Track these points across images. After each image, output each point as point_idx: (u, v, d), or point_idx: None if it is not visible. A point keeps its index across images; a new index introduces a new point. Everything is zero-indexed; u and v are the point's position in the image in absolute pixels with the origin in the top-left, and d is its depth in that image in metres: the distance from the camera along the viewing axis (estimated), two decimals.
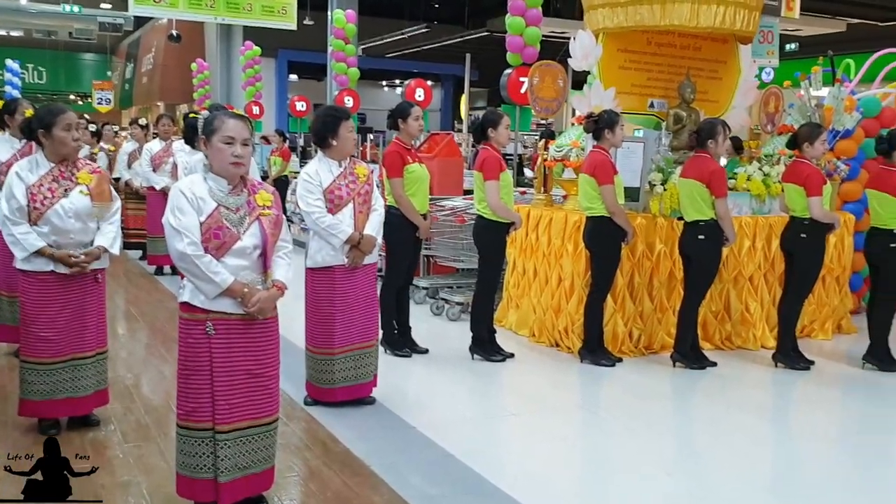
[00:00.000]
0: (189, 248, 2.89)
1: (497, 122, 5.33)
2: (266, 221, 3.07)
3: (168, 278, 8.42)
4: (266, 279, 3.09)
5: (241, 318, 3.02)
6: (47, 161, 3.82)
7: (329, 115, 4.25)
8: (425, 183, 5.44)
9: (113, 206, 3.94)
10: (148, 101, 25.36)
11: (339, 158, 4.24)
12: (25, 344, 3.84)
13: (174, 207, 2.93)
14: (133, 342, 5.99)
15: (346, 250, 4.24)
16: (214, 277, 2.91)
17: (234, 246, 2.98)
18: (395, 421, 4.35)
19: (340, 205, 4.20)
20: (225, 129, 2.98)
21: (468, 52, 20.14)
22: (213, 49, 21.93)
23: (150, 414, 4.38)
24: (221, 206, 2.98)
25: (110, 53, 31.19)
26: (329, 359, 4.28)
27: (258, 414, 3.11)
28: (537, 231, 6.19)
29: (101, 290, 3.95)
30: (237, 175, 3.05)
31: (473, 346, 5.57)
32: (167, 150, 8.13)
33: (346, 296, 4.28)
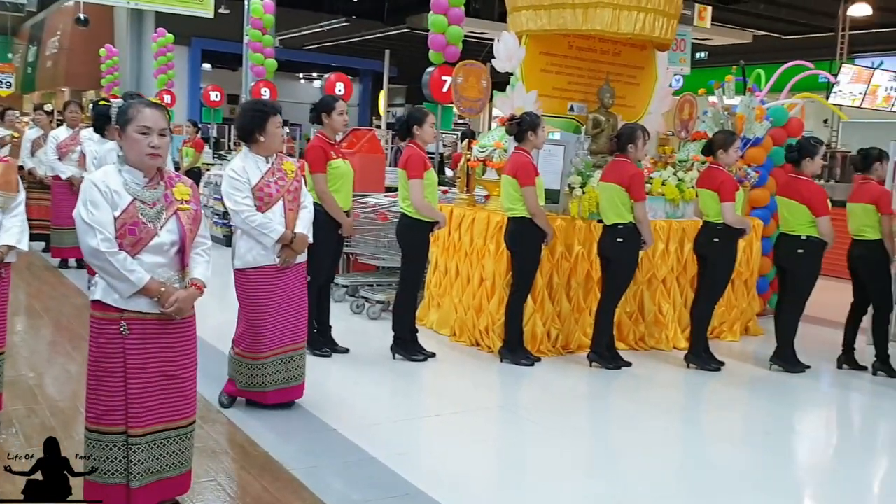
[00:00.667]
0: (103, 245, 2.75)
1: (422, 120, 5.30)
2: (184, 216, 2.95)
3: (73, 272, 8.07)
4: (184, 277, 2.97)
5: (157, 318, 2.90)
6: None
7: (256, 110, 4.11)
8: (349, 179, 5.36)
9: (18, 197, 3.72)
10: (52, 87, 24.26)
11: (266, 154, 4.12)
12: None
13: (87, 201, 2.78)
14: (36, 339, 5.70)
15: (277, 249, 4.12)
16: (129, 276, 2.78)
17: (151, 242, 2.85)
18: (316, 423, 4.27)
19: (270, 202, 4.07)
20: (141, 119, 2.84)
21: (387, 49, 20.07)
22: (123, 35, 21.16)
23: (55, 416, 4.16)
24: (137, 200, 2.85)
25: (11, 35, 29.72)
26: (259, 363, 4.14)
27: (174, 417, 2.99)
28: (460, 230, 6.19)
29: (3, 287, 3.73)
30: (154, 167, 2.92)
31: (395, 346, 5.53)
32: (74, 138, 7.78)
33: (278, 297, 4.15)
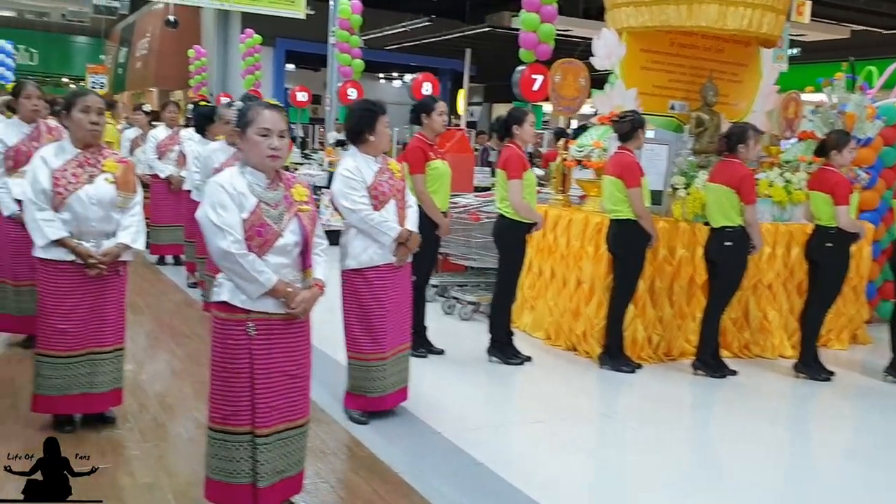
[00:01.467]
0: (233, 247, 2.76)
1: (522, 120, 5.21)
2: (305, 217, 2.95)
3: (170, 268, 8.26)
4: (304, 277, 2.97)
5: (282, 319, 2.90)
6: (73, 147, 3.68)
7: (366, 110, 4.09)
8: (447, 180, 5.32)
9: (136, 197, 3.79)
10: (142, 87, 25.03)
11: (374, 154, 4.10)
12: (42, 336, 3.69)
13: (215, 203, 2.79)
14: (140, 335, 5.82)
15: (393, 248, 4.09)
16: (259, 277, 2.78)
17: (276, 243, 2.86)
18: (419, 426, 4.24)
19: (384, 201, 4.05)
20: (261, 121, 2.84)
21: (468, 47, 20.03)
22: (211, 36, 21.62)
23: (165, 412, 4.23)
24: (262, 202, 2.86)
25: (104, 37, 30.81)
26: (381, 364, 4.09)
27: (294, 416, 3.00)
28: (555, 232, 6.08)
29: (122, 284, 3.80)
30: (274, 168, 2.92)
31: (491, 349, 5.46)
32: (173, 137, 7.96)
33: (393, 295, 4.12)
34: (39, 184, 3.58)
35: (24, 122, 5.06)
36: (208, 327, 6.02)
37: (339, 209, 4.05)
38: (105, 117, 3.76)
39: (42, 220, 3.56)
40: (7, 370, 4.71)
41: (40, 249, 3.59)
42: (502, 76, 21.96)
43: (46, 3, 27.08)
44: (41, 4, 27.44)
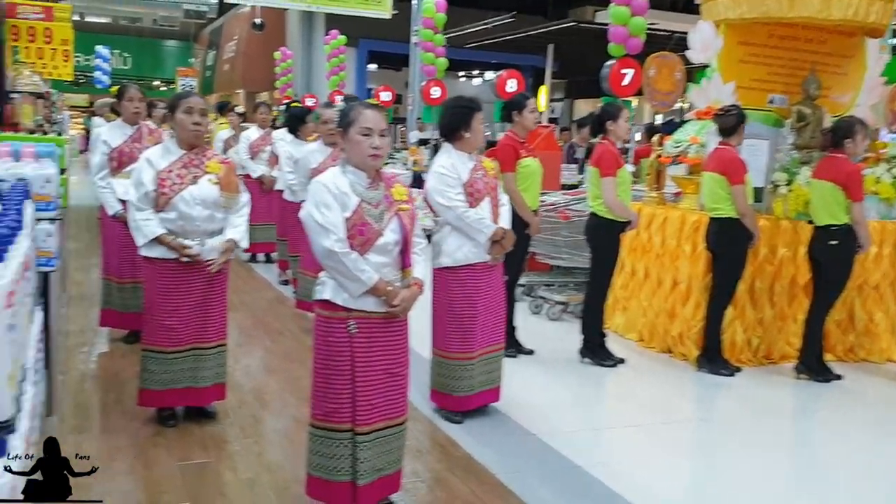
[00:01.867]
0: (337, 246, 2.78)
1: (617, 115, 5.10)
2: (404, 216, 2.95)
3: (262, 266, 8.44)
4: (404, 276, 2.97)
5: (382, 317, 2.91)
6: (178, 148, 3.77)
7: (462, 107, 4.07)
8: (538, 178, 5.24)
9: (241, 197, 3.87)
10: (229, 89, 25.73)
11: (469, 151, 4.08)
12: (148, 332, 3.80)
13: (318, 203, 2.81)
14: (234, 331, 5.93)
15: (488, 246, 4.07)
16: (361, 275, 2.79)
17: (377, 242, 2.86)
18: (513, 427, 4.19)
19: (479, 199, 4.02)
20: (363, 120, 2.85)
21: (550, 43, 19.84)
22: (296, 38, 22.08)
23: (264, 408, 4.31)
24: (363, 202, 2.86)
25: (193, 41, 31.78)
26: (468, 364, 4.07)
27: (393, 414, 3.00)
28: (649, 230, 5.94)
29: (225, 281, 3.89)
30: (375, 168, 2.92)
31: (584, 350, 5.37)
32: (265, 138, 8.12)
33: (486, 294, 4.09)
34: (143, 185, 3.69)
35: (126, 124, 5.23)
36: (300, 324, 6.19)
37: (434, 206, 4.04)
38: (208, 119, 3.84)
39: (141, 220, 3.67)
40: (112, 365, 4.88)
41: (144, 248, 3.70)
42: (584, 72, 21.61)
43: (139, 9, 28.10)
44: (134, 10, 28.50)
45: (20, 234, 1.51)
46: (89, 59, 25.56)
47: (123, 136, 5.20)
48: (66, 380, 4.53)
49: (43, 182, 3.44)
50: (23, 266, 1.49)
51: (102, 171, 5.16)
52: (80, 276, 7.45)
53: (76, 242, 9.12)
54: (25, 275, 1.56)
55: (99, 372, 4.76)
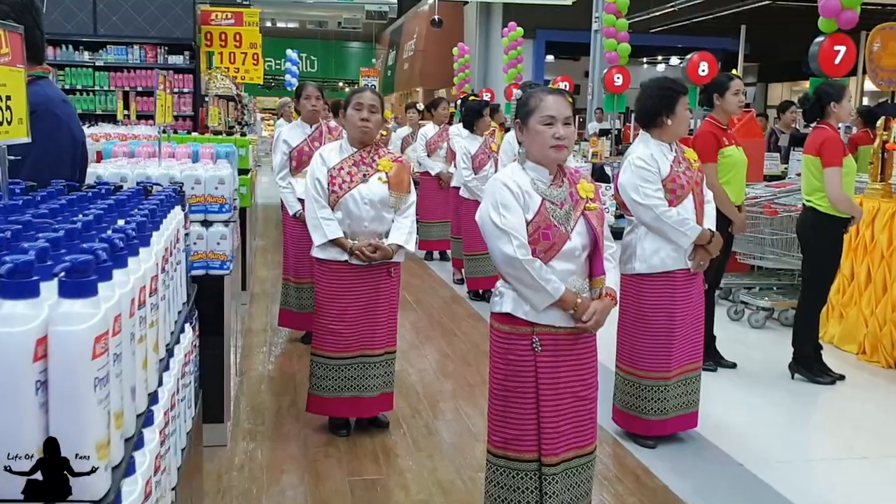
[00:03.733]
0: (519, 252, 2.43)
1: (840, 96, 4.41)
2: (593, 216, 2.55)
3: (437, 264, 8.28)
4: (592, 285, 2.57)
5: (569, 333, 2.53)
6: (350, 146, 3.59)
7: (666, 89, 3.57)
8: (742, 169, 4.65)
9: (409, 198, 3.62)
10: (408, 87, 26.20)
11: (669, 140, 3.60)
12: (317, 336, 3.64)
13: (497, 203, 2.48)
14: (409, 332, 5.78)
15: (690, 251, 3.58)
16: (546, 286, 2.43)
17: (563, 247, 2.49)
18: (714, 454, 3.67)
19: (681, 196, 3.52)
20: (544, 108, 2.49)
21: (743, 23, 18.50)
22: (473, 33, 22.09)
23: (438, 419, 4.05)
24: (547, 201, 2.50)
25: (374, 41, 32.73)
26: (663, 384, 3.61)
27: (583, 442, 2.62)
28: (872, 227, 5.14)
29: (394, 286, 3.65)
30: (558, 161, 2.55)
31: (795, 364, 4.71)
32: (442, 134, 7.94)
33: (685, 307, 3.59)
34: (319, 182, 3.53)
35: (306, 123, 5.17)
36: (476, 326, 5.92)
37: (628, 204, 3.58)
38: (379, 116, 3.61)
39: (323, 219, 3.49)
40: (289, 366, 4.83)
41: (317, 249, 3.53)
42: (779, 54, 20.09)
43: (325, 13, 29.21)
44: (320, 14, 29.67)
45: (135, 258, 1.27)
46: (280, 63, 26.93)
47: (303, 135, 5.14)
48: (244, 380, 4.51)
49: (216, 183, 3.35)
50: (138, 293, 1.25)
51: (283, 170, 5.12)
52: (264, 272, 7.62)
53: (263, 240, 9.41)
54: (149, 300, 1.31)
55: (276, 373, 4.71)
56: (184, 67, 10.40)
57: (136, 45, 10.36)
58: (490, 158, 6.40)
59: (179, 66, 10.41)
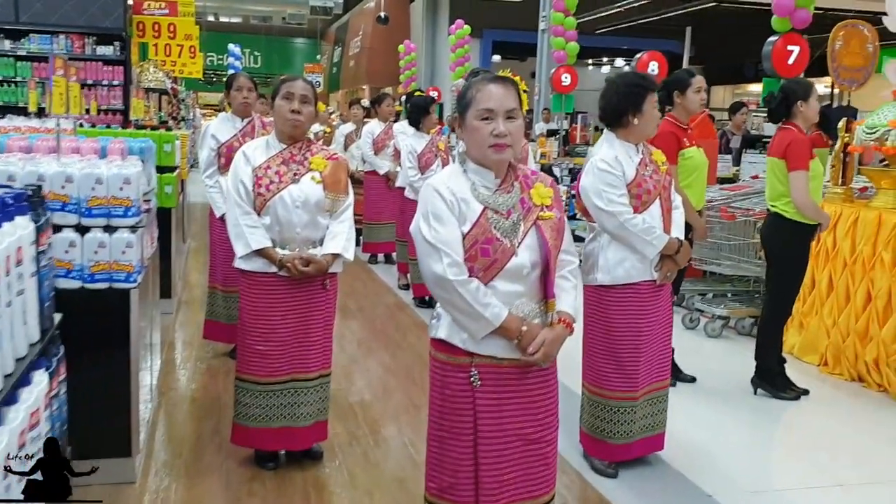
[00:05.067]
0: (450, 272, 2.07)
1: (807, 94, 4.17)
2: (546, 227, 2.19)
3: (382, 268, 7.89)
4: (546, 310, 2.21)
5: (516, 365, 2.17)
6: (278, 142, 3.18)
7: (633, 85, 3.25)
8: (703, 171, 4.38)
9: (347, 199, 3.22)
10: (354, 85, 25.70)
11: (636, 141, 3.28)
12: (241, 358, 3.22)
13: (429, 213, 2.11)
14: (350, 343, 5.38)
15: (656, 262, 3.27)
16: (484, 311, 2.07)
17: (508, 265, 2.12)
18: (682, 484, 3.36)
19: (647, 202, 3.21)
20: (481, 100, 2.13)
21: (689, 25, 18.56)
22: (419, 30, 21.78)
23: (379, 446, 3.65)
24: (489, 210, 2.14)
25: (319, 38, 32.18)
26: (630, 405, 3.28)
27: (536, 492, 2.26)
28: (834, 233, 4.93)
29: (330, 300, 3.25)
30: (503, 163, 2.19)
31: (758, 379, 4.46)
32: (388, 132, 7.54)
33: (652, 321, 3.28)
34: (243, 183, 3.11)
35: (237, 117, 4.73)
36: (422, 336, 5.55)
37: (590, 210, 3.25)
38: (312, 108, 3.21)
39: (247, 227, 3.07)
40: (214, 385, 4.37)
41: (241, 259, 3.11)
42: (723, 57, 20.34)
43: (268, 7, 28.55)
44: (264, 9, 28.99)
45: None
46: (222, 59, 26.19)
47: (234, 129, 4.70)
48: (162, 402, 4.06)
49: (120, 183, 2.91)
50: None
51: (210, 168, 4.68)
52: (196, 277, 7.12)
53: (198, 241, 8.88)
54: None
55: (199, 393, 4.26)
56: (114, 59, 9.82)
57: (62, 35, 9.72)
58: (437, 157, 6.03)
59: (109, 57, 9.83)
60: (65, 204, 2.86)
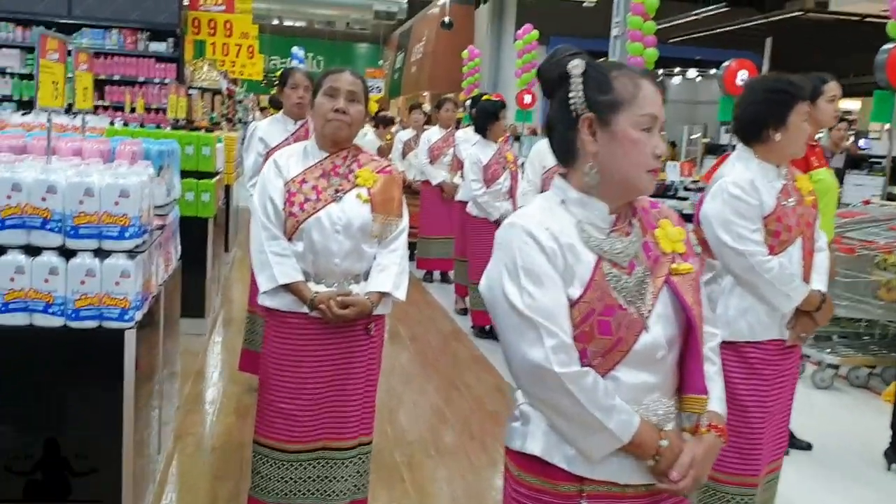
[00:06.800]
0: (556, 360, 1.37)
1: None
2: (684, 286, 1.49)
3: (438, 287, 7.23)
4: (685, 407, 1.50)
5: (647, 494, 1.46)
6: (318, 149, 2.54)
7: (778, 91, 2.47)
8: (834, 197, 3.63)
9: (400, 223, 2.56)
10: (415, 90, 25.26)
11: (779, 162, 2.55)
12: (261, 419, 2.56)
13: (519, 269, 1.41)
14: (400, 381, 4.71)
15: (789, 317, 2.55)
16: (607, 420, 1.38)
17: (637, 344, 1.43)
18: None
19: (788, 241, 2.48)
20: (644, 102, 1.44)
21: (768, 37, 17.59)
22: (484, 36, 21.29)
23: None
24: (604, 262, 1.45)
25: (382, 43, 31.98)
26: (749, 493, 2.54)
27: None
28: None
29: (374, 350, 2.58)
30: (646, 193, 1.50)
31: (894, 453, 3.66)
32: (447, 139, 6.89)
33: (777, 391, 2.56)
34: (271, 200, 2.47)
35: (288, 118, 4.10)
36: (481, 375, 4.88)
37: (712, 244, 2.51)
38: (362, 106, 2.55)
39: (273, 255, 2.43)
40: (240, 432, 3.68)
41: (265, 295, 2.47)
42: (800, 68, 19.50)
43: (333, 11, 28.39)
44: (328, 13, 28.85)
45: None
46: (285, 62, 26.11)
47: (285, 132, 4.05)
48: (177, 449, 3.45)
49: (115, 196, 2.30)
50: None
51: (256, 175, 4.05)
52: (239, 292, 6.51)
53: (244, 251, 8.33)
54: None
55: (221, 440, 3.63)
56: (166, 56, 9.41)
57: (115, 30, 9.35)
58: (505, 170, 5.34)
59: (162, 53, 9.43)
60: (45, 220, 2.27)
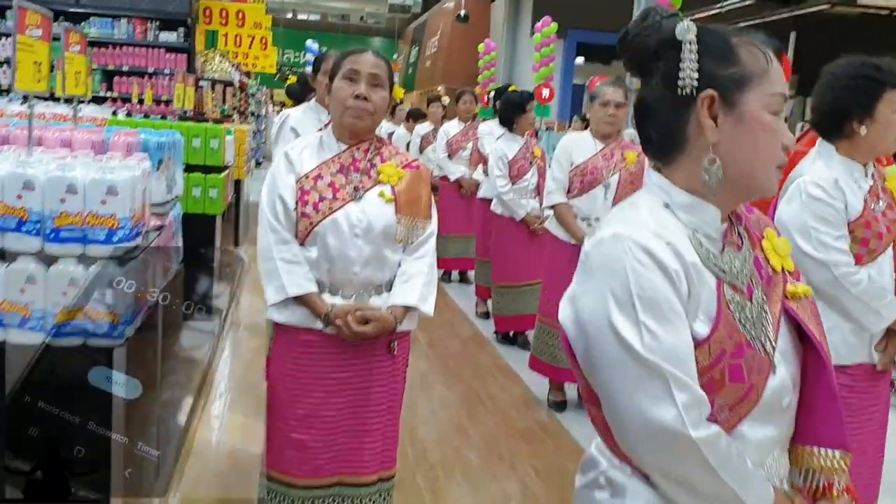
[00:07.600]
0: (690, 421, 1.05)
1: None
2: (804, 313, 1.21)
3: (456, 288, 6.92)
4: (797, 461, 1.19)
5: None
6: (335, 141, 2.22)
7: (863, 77, 2.13)
8: None
9: (428, 226, 2.25)
10: (430, 85, 24.97)
11: (865, 160, 2.22)
12: (271, 449, 2.25)
13: (635, 295, 1.07)
14: (420, 394, 4.39)
15: (878, 338, 2.23)
16: (745, 494, 1.07)
17: (765, 391, 1.12)
18: None
19: (877, 250, 2.17)
20: (776, 77, 1.16)
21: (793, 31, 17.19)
22: (500, 29, 20.98)
23: None
24: (725, 284, 1.13)
25: (397, 37, 31.77)
26: None
27: None
28: None
29: (398, 372, 2.29)
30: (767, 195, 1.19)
31: None
32: (467, 133, 6.57)
33: (865, 421, 2.24)
34: (281, 199, 2.17)
35: (322, 108, 3.70)
36: (506, 386, 4.56)
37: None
38: (386, 93, 2.23)
39: (282, 262, 2.13)
40: (248, 447, 3.40)
41: (273, 308, 2.16)
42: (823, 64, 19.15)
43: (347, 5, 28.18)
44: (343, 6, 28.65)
45: None
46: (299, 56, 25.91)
47: (318, 123, 3.64)
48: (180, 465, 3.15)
49: (102, 195, 2.00)
50: None
51: None
52: (249, 292, 6.23)
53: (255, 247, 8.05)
54: None
55: (224, 465, 3.32)
56: (177, 46, 9.15)
57: (124, 19, 9.09)
58: (532, 165, 5.01)
59: (172, 43, 9.16)
60: (21, 221, 1.97)
